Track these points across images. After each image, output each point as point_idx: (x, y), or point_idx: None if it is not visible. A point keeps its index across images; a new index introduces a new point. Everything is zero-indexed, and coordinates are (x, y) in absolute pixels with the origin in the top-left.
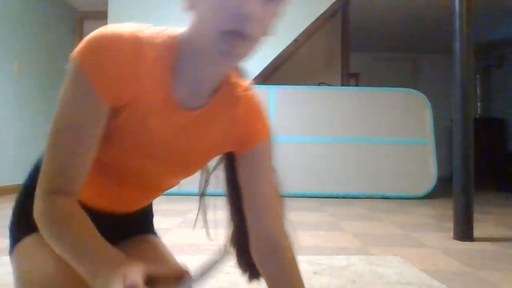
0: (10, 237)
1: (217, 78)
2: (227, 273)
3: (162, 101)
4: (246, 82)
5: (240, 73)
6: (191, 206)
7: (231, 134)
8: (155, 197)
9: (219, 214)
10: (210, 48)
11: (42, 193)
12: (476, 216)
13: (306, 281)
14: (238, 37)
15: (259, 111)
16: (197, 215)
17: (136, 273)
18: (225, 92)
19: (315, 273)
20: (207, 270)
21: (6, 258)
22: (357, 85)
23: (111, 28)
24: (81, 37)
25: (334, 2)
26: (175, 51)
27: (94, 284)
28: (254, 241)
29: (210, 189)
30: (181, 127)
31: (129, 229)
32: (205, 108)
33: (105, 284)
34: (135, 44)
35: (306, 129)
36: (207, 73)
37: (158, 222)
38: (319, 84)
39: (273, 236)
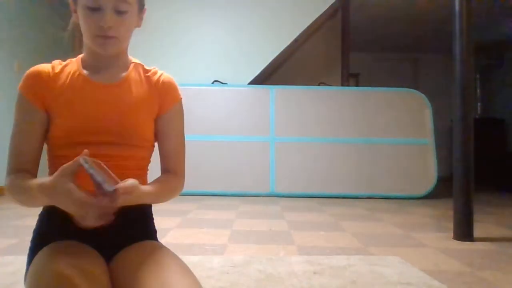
0: (27, 263)
1: (116, 61)
2: (227, 273)
3: (84, 85)
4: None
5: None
6: (191, 206)
7: (152, 97)
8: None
9: (219, 214)
10: (93, 45)
11: (7, 173)
12: (476, 216)
13: (306, 281)
14: (104, 38)
15: (171, 81)
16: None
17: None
18: (135, 68)
19: (315, 273)
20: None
21: (6, 258)
22: (357, 85)
23: (36, 66)
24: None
25: (334, 2)
26: (81, 57)
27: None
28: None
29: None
30: (111, 100)
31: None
32: (121, 81)
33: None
34: (50, 67)
35: (306, 129)
36: (103, 60)
37: (158, 222)
38: (319, 84)
39: (172, 173)
